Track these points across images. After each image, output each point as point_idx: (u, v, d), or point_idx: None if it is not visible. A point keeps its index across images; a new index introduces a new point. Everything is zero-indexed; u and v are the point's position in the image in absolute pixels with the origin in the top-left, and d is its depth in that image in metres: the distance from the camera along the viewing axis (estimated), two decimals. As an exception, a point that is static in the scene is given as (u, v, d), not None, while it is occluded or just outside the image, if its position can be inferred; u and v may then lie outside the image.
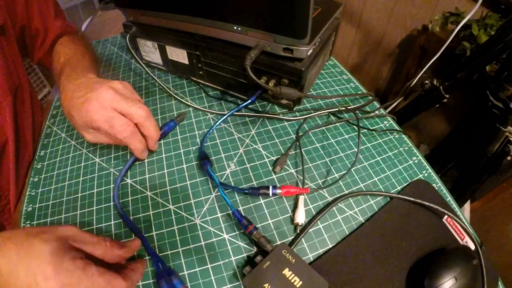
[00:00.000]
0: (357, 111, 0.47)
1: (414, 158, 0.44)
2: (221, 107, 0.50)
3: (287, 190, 0.37)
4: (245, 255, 0.34)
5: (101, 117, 0.34)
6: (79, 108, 0.35)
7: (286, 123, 0.47)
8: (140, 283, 0.32)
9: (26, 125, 0.45)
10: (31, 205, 0.39)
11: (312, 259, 0.34)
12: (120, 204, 0.37)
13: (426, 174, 0.42)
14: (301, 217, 0.35)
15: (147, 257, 0.33)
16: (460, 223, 0.37)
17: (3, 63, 0.39)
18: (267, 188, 0.37)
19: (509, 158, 0.70)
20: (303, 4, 0.32)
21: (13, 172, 0.41)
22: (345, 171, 0.41)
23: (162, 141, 0.44)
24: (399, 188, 0.40)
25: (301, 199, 0.37)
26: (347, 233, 0.36)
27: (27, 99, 0.47)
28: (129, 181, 0.40)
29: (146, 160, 0.42)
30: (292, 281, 0.29)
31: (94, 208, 0.37)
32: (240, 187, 0.39)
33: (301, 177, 0.40)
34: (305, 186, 0.39)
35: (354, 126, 0.47)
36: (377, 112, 0.50)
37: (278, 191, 0.37)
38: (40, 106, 0.53)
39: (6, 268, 0.26)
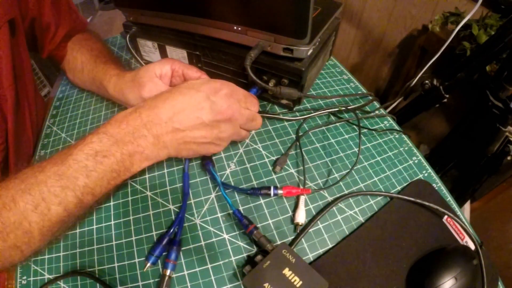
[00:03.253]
0: (357, 111, 0.47)
1: (414, 158, 0.44)
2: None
3: (288, 191, 0.37)
4: (245, 255, 0.34)
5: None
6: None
7: (286, 123, 0.47)
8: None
9: (27, 120, 0.45)
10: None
11: (312, 259, 0.34)
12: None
13: (426, 174, 0.42)
14: (301, 217, 0.35)
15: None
16: (460, 223, 0.37)
17: (10, 57, 0.39)
18: (269, 188, 0.37)
19: (509, 158, 0.70)
20: (303, 4, 0.32)
21: (13, 162, 0.41)
22: (346, 172, 0.41)
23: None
24: (399, 188, 0.40)
25: (302, 199, 0.37)
26: (347, 233, 0.36)
27: (31, 93, 0.46)
28: (129, 180, 0.40)
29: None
30: (292, 280, 0.29)
31: (94, 207, 0.37)
32: (240, 187, 0.39)
33: (301, 177, 0.40)
34: (306, 187, 0.39)
35: (354, 126, 0.47)
36: (377, 112, 0.50)
37: (280, 191, 0.37)
38: (43, 102, 0.53)
39: (172, 111, 0.31)
